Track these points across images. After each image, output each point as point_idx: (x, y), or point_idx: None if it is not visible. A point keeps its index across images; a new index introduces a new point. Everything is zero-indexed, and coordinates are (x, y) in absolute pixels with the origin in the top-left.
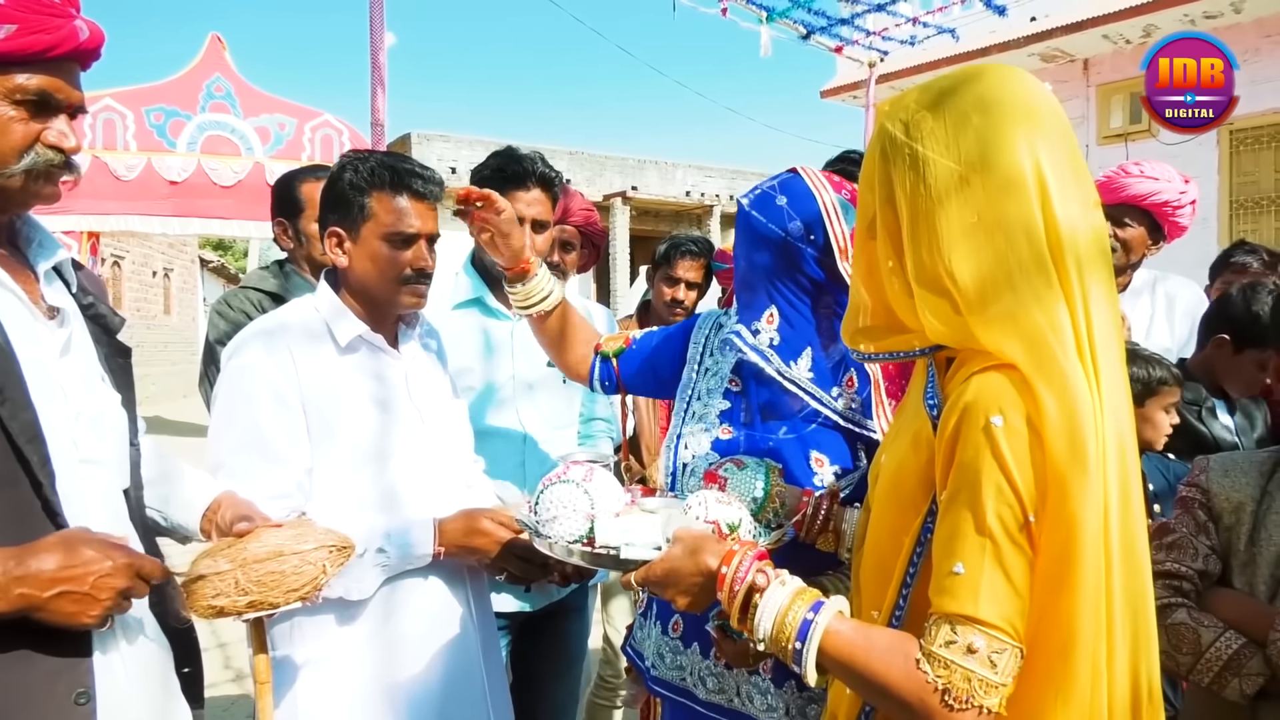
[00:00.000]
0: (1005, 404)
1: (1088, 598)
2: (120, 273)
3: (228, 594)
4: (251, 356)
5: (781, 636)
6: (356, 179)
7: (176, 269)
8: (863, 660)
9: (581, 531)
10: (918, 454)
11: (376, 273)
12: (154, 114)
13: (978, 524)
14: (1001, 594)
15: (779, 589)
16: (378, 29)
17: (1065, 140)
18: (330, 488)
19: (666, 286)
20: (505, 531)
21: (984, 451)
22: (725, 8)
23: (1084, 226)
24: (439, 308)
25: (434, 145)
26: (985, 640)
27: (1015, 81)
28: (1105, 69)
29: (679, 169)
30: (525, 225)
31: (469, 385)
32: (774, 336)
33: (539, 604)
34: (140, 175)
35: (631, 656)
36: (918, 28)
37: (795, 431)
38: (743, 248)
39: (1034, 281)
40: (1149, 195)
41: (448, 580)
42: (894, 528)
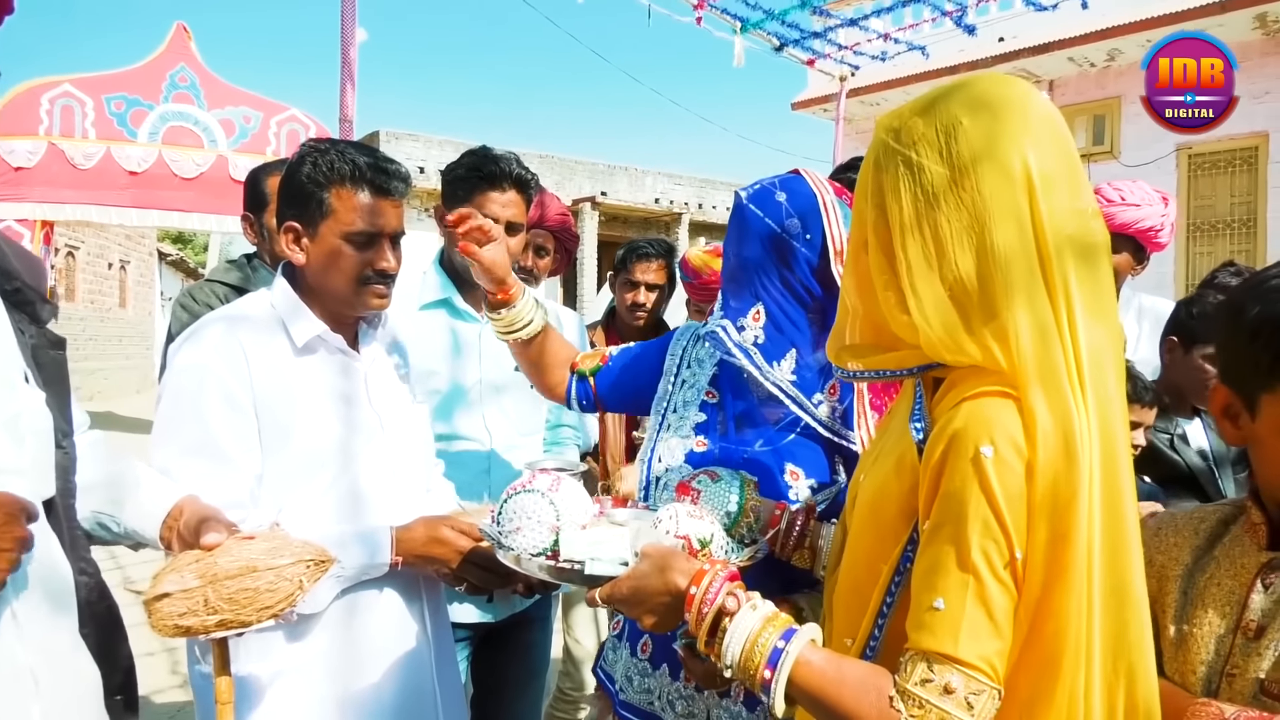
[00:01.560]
0: (997, 433)
1: (1070, 626)
2: (75, 263)
3: (196, 612)
4: (201, 354)
5: (750, 664)
6: (315, 172)
7: (134, 261)
8: (834, 694)
9: (546, 544)
10: (901, 479)
11: (336, 272)
12: (114, 102)
13: (961, 559)
14: (983, 633)
15: (750, 613)
16: (349, 24)
17: (1059, 145)
18: (281, 495)
19: (626, 291)
20: (465, 540)
21: (972, 483)
22: (700, 17)
23: (1076, 231)
24: (405, 307)
25: (403, 144)
26: (963, 680)
27: (1009, 86)
28: (1070, 91)
29: (649, 176)
30: (500, 226)
31: (435, 388)
32: (759, 335)
33: (501, 615)
34: (98, 164)
35: (602, 679)
36: (889, 44)
37: (771, 443)
38: (735, 242)
39: (1028, 283)
40: (1134, 224)
41: (403, 592)
42: (872, 554)
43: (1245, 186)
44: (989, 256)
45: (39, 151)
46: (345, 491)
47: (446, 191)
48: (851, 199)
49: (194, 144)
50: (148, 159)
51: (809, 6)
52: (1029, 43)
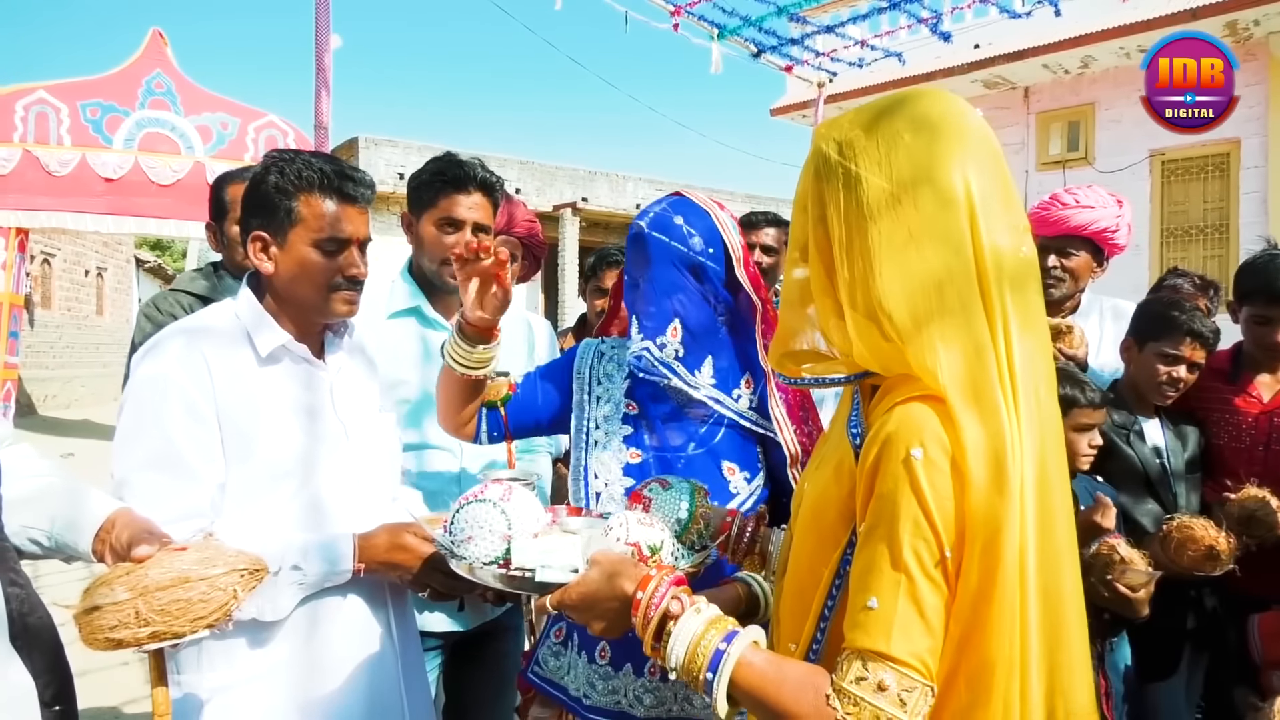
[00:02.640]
0: (926, 436)
1: (1004, 633)
2: (51, 270)
3: (128, 625)
4: (163, 364)
5: (694, 666)
6: (283, 181)
7: (111, 268)
8: (774, 693)
9: (498, 553)
10: (840, 484)
11: (306, 280)
12: (90, 109)
13: (894, 558)
14: (914, 631)
15: (694, 616)
16: (323, 30)
17: (995, 164)
18: (244, 505)
19: (596, 298)
20: (428, 546)
21: (903, 484)
22: (677, 23)
23: (1009, 248)
24: (374, 316)
25: (381, 150)
26: (896, 678)
27: (948, 104)
28: (1045, 97)
29: (630, 181)
30: (466, 229)
31: (405, 397)
32: (679, 349)
33: (472, 624)
34: (74, 171)
35: (547, 690)
36: (865, 50)
37: (702, 444)
38: (642, 268)
39: (964, 301)
40: (1089, 225)
41: (368, 599)
42: (814, 558)
43: (1217, 192)
44: (924, 268)
45: (13, 159)
46: (309, 501)
47: (412, 197)
48: (732, 214)
49: (170, 150)
50: (124, 166)
51: (786, 13)
52: (1004, 50)
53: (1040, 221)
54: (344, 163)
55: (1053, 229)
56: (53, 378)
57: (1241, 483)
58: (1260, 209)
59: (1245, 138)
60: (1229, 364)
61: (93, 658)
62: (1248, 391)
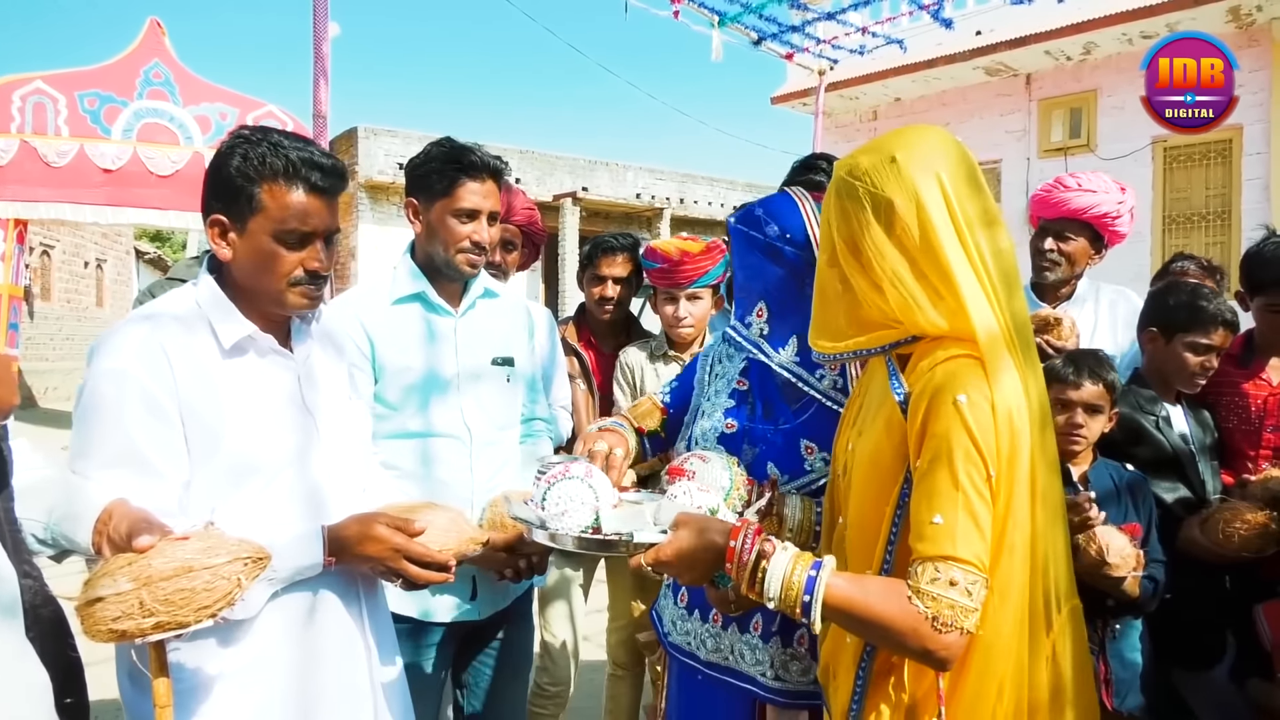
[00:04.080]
0: (968, 386)
1: (1017, 524)
2: (50, 262)
3: (132, 615)
4: (120, 358)
5: (790, 594)
6: (246, 165)
7: (110, 260)
8: (861, 604)
9: (588, 522)
10: (891, 435)
11: (264, 272)
12: (88, 99)
13: (953, 481)
14: (973, 536)
15: (783, 554)
16: (321, 18)
17: (964, 166)
18: (211, 502)
19: (594, 286)
20: (399, 536)
21: (955, 423)
22: (677, 10)
23: (984, 225)
24: (378, 302)
25: (381, 140)
26: (963, 574)
27: (925, 130)
28: (1047, 84)
29: (630, 171)
30: (482, 218)
31: (410, 384)
32: (764, 327)
33: (486, 612)
34: (72, 162)
35: (654, 620)
36: (867, 37)
37: (791, 422)
38: (736, 258)
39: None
40: (1089, 209)
41: (340, 591)
42: (878, 498)
43: (1220, 179)
44: (935, 259)
45: (11, 149)
46: (279, 495)
47: (419, 184)
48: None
49: (169, 141)
50: (122, 156)
51: (786, 0)
52: (1005, 36)
53: (1041, 203)
54: (315, 148)
55: (1052, 211)
56: (53, 370)
57: (1250, 465)
58: (1263, 195)
59: (1247, 124)
60: (1240, 350)
61: (95, 650)
62: (1259, 376)
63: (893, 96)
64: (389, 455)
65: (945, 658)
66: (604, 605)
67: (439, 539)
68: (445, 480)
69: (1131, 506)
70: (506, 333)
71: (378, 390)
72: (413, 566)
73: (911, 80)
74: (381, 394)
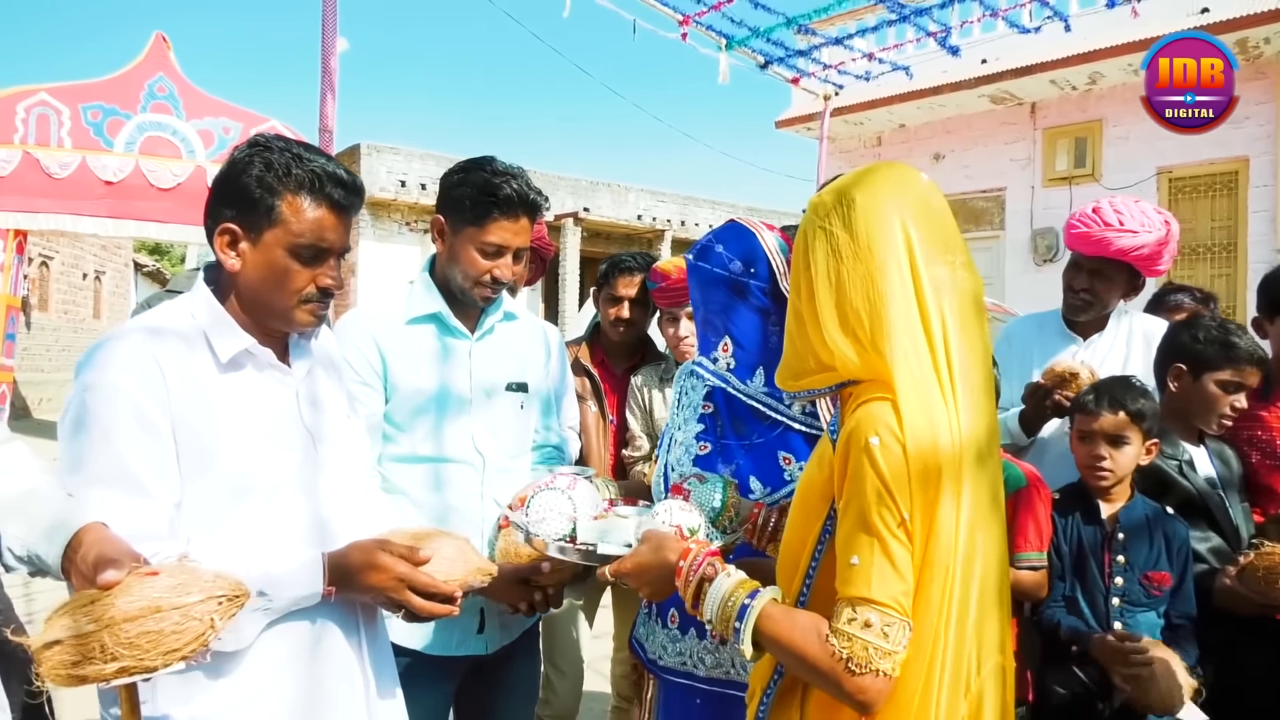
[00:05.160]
0: (880, 427)
1: (936, 579)
2: (48, 273)
3: (92, 659)
4: (111, 371)
5: (725, 617)
6: (268, 175)
7: (109, 272)
8: (786, 636)
9: (565, 531)
10: (820, 470)
11: (275, 286)
12: (91, 111)
13: (866, 524)
14: (888, 578)
15: (724, 579)
16: (330, 33)
17: (929, 212)
18: (203, 524)
19: (610, 307)
20: (403, 565)
21: (865, 465)
22: (685, 33)
23: (947, 277)
24: (391, 321)
25: (384, 157)
26: (878, 616)
27: (893, 170)
28: (1052, 113)
29: (632, 192)
30: (508, 255)
31: (422, 407)
32: (730, 361)
33: (493, 646)
34: (74, 174)
35: (635, 649)
36: (873, 63)
37: (764, 436)
38: (697, 294)
39: (906, 319)
40: (1130, 251)
41: (339, 622)
42: (803, 530)
43: (1225, 211)
44: (877, 299)
45: (13, 160)
46: (275, 518)
47: (453, 205)
48: (783, 235)
49: (172, 154)
50: (124, 169)
51: (794, 25)
52: (1011, 65)
53: (1080, 240)
54: (336, 162)
55: (1092, 249)
56: (48, 381)
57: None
58: (1269, 227)
59: (1254, 156)
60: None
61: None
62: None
63: (897, 122)
64: (398, 479)
65: (863, 701)
66: (607, 631)
67: (445, 569)
68: (456, 506)
69: (1165, 551)
70: (523, 356)
71: (388, 411)
72: (416, 598)
73: (916, 107)
74: (391, 415)
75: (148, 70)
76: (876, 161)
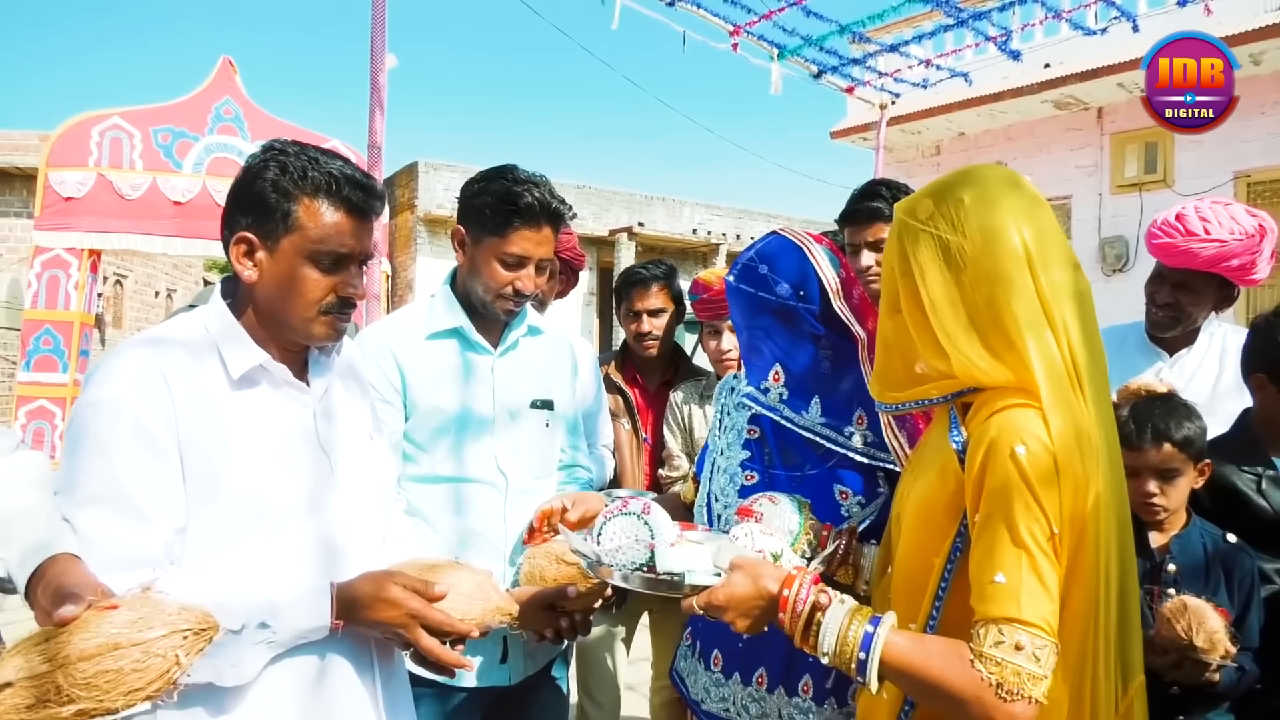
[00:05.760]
0: (1025, 435)
1: (1089, 586)
2: (122, 291)
3: (48, 702)
4: (114, 385)
5: (845, 649)
6: (284, 180)
7: (180, 290)
8: (920, 665)
9: (642, 559)
10: (945, 484)
11: (294, 295)
12: (161, 134)
13: (1013, 538)
14: (1039, 597)
15: (839, 607)
16: (379, 50)
17: (1042, 218)
18: (208, 551)
19: (630, 323)
20: (417, 600)
21: (1013, 476)
22: (736, 43)
23: (1065, 280)
24: (413, 335)
25: (440, 175)
26: (1029, 638)
27: (998, 172)
28: (1120, 118)
29: (686, 206)
30: (530, 265)
31: (442, 426)
32: (783, 392)
33: (517, 676)
34: (145, 194)
35: (676, 682)
36: (930, 70)
37: (817, 467)
38: (741, 318)
39: (1035, 323)
40: (1218, 261)
41: (351, 658)
42: (925, 550)
43: None
44: (1005, 303)
45: (88, 182)
46: (285, 543)
47: (473, 216)
48: (829, 243)
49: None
50: (192, 189)
51: (848, 33)
52: (1076, 69)
53: (1163, 250)
54: (352, 165)
55: (1176, 260)
56: None
57: None
58: None
59: None
60: None
61: None
62: None
63: (956, 131)
64: (417, 500)
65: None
66: (646, 654)
67: (462, 606)
68: (477, 530)
69: (1224, 584)
70: (548, 372)
71: (407, 429)
72: (426, 637)
73: (976, 114)
74: (411, 433)
75: (215, 93)
76: (971, 164)
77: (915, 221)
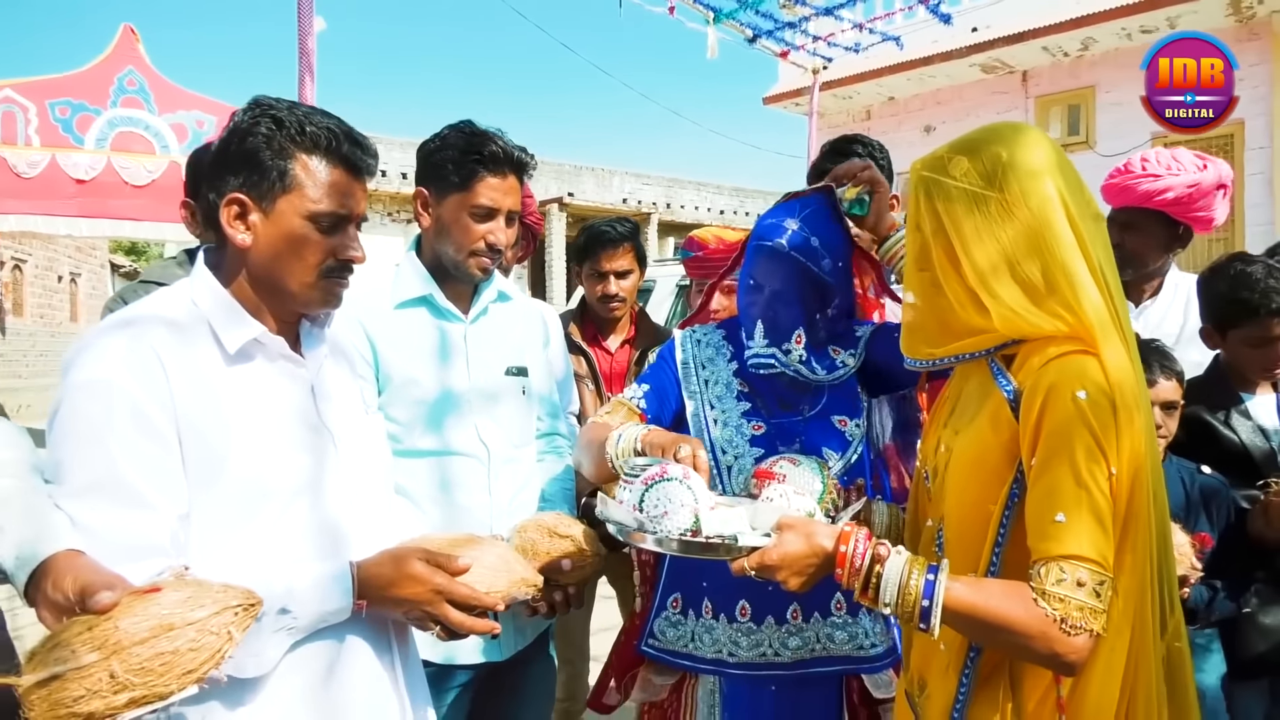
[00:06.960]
0: (1085, 381)
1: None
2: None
3: (100, 693)
4: (105, 368)
5: (908, 598)
6: (279, 135)
7: (85, 274)
8: (983, 608)
9: (687, 524)
10: (998, 434)
11: (294, 259)
12: (59, 107)
13: (1076, 479)
14: (1098, 535)
15: (898, 557)
16: (306, 12)
17: (1067, 168)
18: (214, 536)
19: (596, 283)
20: (441, 576)
21: (1075, 420)
22: (673, 6)
23: (1093, 228)
24: (379, 305)
25: None
26: (1090, 574)
27: (1024, 127)
28: (1044, 81)
29: (616, 176)
30: (500, 217)
31: (419, 398)
32: (802, 354)
33: (508, 651)
34: (43, 172)
35: (659, 656)
36: (863, 34)
37: (815, 406)
38: (772, 280)
39: (1080, 270)
40: (1156, 195)
41: (371, 640)
42: (980, 498)
43: None
44: (1050, 252)
45: None
46: (292, 526)
47: (432, 173)
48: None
49: (145, 150)
50: (96, 166)
51: None
52: (1003, 32)
53: (1109, 191)
54: (347, 123)
55: (1119, 199)
56: (26, 387)
57: None
58: (1265, 190)
59: (1249, 119)
60: None
61: None
62: None
63: (886, 95)
64: (398, 477)
65: (1074, 661)
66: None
67: (487, 579)
68: (462, 504)
69: (1205, 516)
70: (520, 340)
71: (382, 403)
72: (455, 612)
73: (906, 78)
74: (386, 408)
75: (117, 64)
76: (997, 122)
77: (948, 178)
